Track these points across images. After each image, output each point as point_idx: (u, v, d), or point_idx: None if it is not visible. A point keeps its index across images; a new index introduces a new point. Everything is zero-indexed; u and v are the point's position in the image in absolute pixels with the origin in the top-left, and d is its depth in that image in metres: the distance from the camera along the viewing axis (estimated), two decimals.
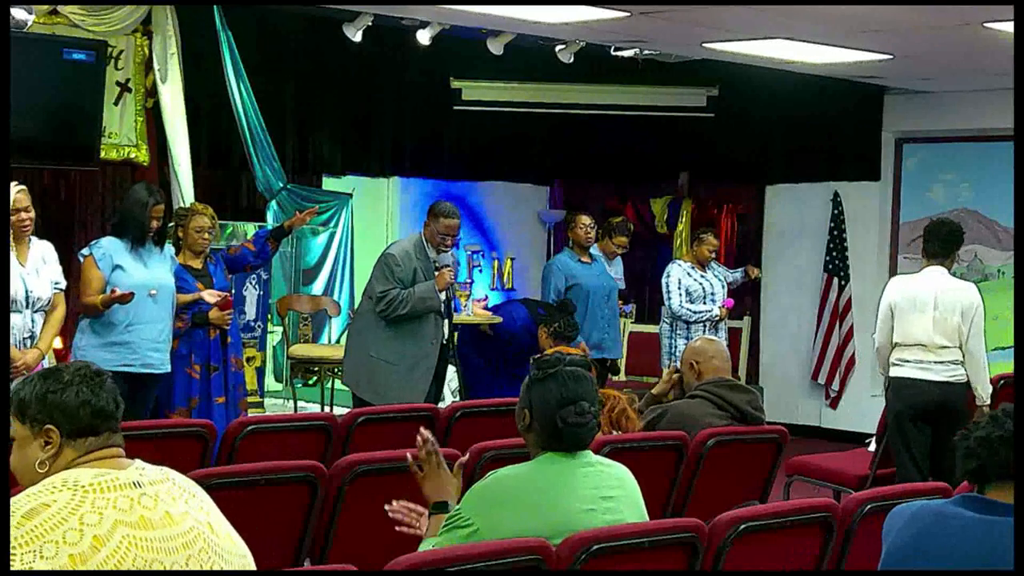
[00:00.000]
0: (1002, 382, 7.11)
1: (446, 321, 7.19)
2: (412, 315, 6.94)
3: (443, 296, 7.06)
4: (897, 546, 2.83)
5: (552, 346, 8.01)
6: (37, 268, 5.80)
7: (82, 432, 2.47)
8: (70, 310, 6.44)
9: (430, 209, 7.13)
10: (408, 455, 3.59)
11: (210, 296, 6.65)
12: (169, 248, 6.60)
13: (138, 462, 2.49)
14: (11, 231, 5.69)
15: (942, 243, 6.64)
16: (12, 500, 2.34)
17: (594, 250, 8.82)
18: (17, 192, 5.69)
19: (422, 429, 3.61)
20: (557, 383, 3.36)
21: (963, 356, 6.53)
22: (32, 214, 5.77)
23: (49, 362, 6.06)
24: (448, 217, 7.00)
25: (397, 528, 3.54)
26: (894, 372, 6.66)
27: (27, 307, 5.72)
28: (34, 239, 5.87)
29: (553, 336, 8.07)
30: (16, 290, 5.67)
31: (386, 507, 3.58)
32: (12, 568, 2.22)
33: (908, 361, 6.60)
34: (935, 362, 6.55)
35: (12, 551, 2.24)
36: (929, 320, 6.56)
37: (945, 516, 2.76)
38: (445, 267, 7.03)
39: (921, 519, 2.80)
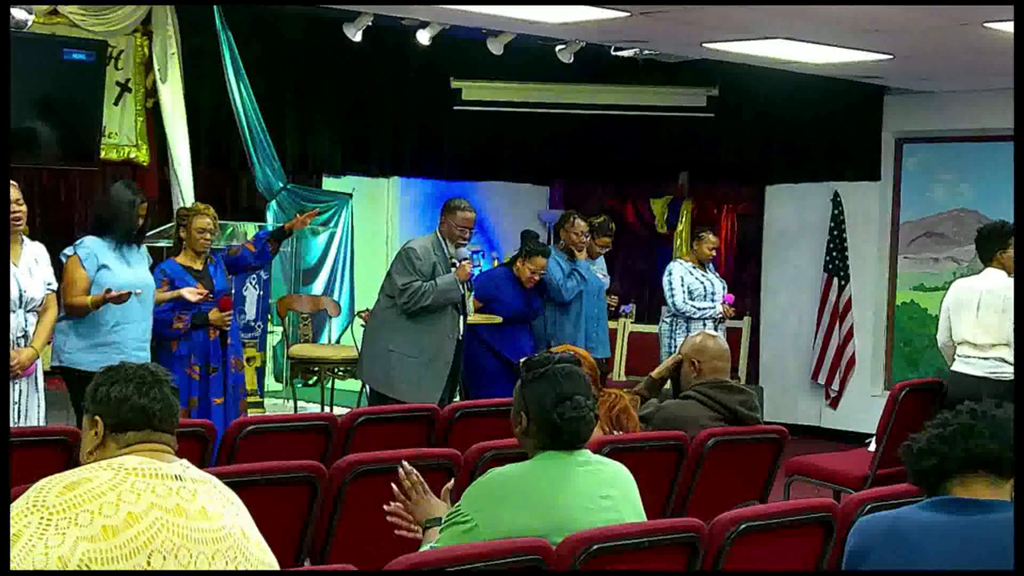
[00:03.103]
0: None
1: (461, 317, 7.25)
2: (433, 307, 7.04)
3: (461, 290, 7.16)
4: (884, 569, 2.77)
5: (532, 270, 8.08)
6: (30, 268, 5.75)
7: (122, 427, 2.57)
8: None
9: (445, 205, 7.27)
10: (393, 486, 3.58)
11: (190, 294, 6.60)
12: (145, 248, 6.56)
13: (184, 461, 2.57)
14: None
15: (980, 247, 7.07)
16: (58, 474, 2.44)
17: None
18: (16, 192, 5.67)
19: (403, 463, 3.62)
20: (549, 382, 3.38)
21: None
22: (24, 208, 5.74)
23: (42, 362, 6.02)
24: (465, 211, 7.18)
25: (396, 532, 3.54)
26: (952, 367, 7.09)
27: (20, 307, 5.69)
28: (26, 240, 5.84)
29: (527, 256, 8.14)
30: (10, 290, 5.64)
31: (385, 507, 3.58)
32: (46, 533, 2.32)
33: (960, 356, 6.98)
34: (979, 358, 6.89)
35: (49, 517, 2.33)
36: (972, 319, 6.89)
37: (925, 527, 2.73)
38: (464, 260, 7.15)
39: (901, 535, 2.76)
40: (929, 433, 2.78)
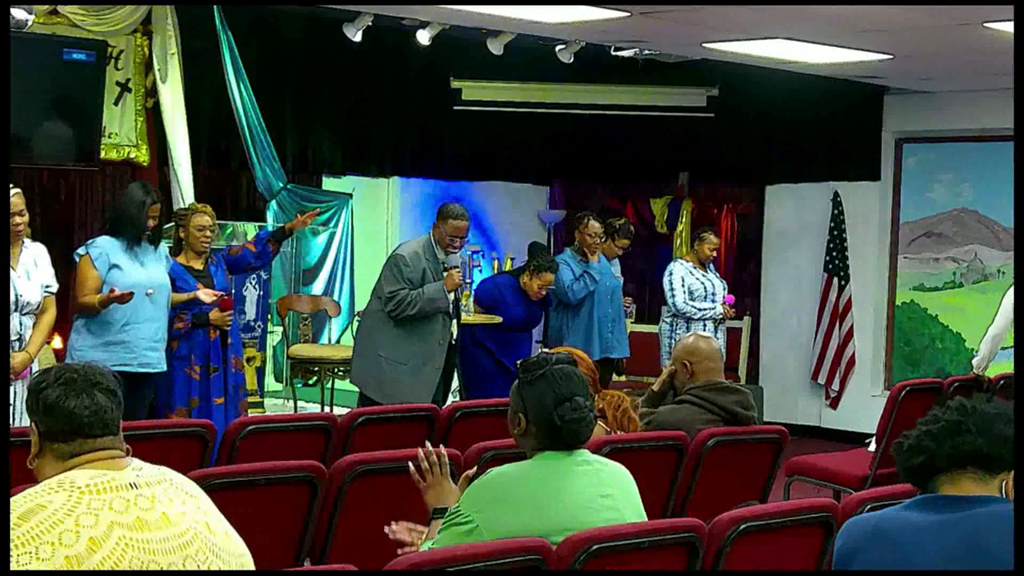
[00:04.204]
0: (1001, 382, 7.14)
1: (454, 322, 7.22)
2: (420, 315, 6.99)
3: (451, 297, 7.10)
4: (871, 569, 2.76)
5: (540, 283, 8.11)
6: (28, 271, 5.76)
7: (52, 436, 2.48)
8: (63, 312, 6.41)
9: (439, 211, 7.16)
10: (411, 464, 3.59)
11: (205, 295, 6.63)
12: (164, 247, 6.59)
13: (135, 462, 2.49)
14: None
15: None
16: (10, 499, 2.35)
17: None
18: (13, 195, 5.67)
19: (428, 444, 3.63)
20: (548, 383, 3.37)
21: None
22: (26, 218, 5.76)
23: (39, 363, 6.02)
24: (456, 219, 7.05)
25: (400, 551, 3.53)
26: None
27: (16, 310, 5.69)
28: (27, 241, 5.84)
29: (535, 271, 8.16)
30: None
31: (386, 529, 3.58)
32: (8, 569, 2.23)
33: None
34: None
35: (9, 553, 2.24)
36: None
37: (908, 526, 2.71)
38: (454, 268, 7.07)
39: (885, 535, 2.74)
40: (919, 430, 2.78)
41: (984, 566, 2.61)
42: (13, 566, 2.23)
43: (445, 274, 7.04)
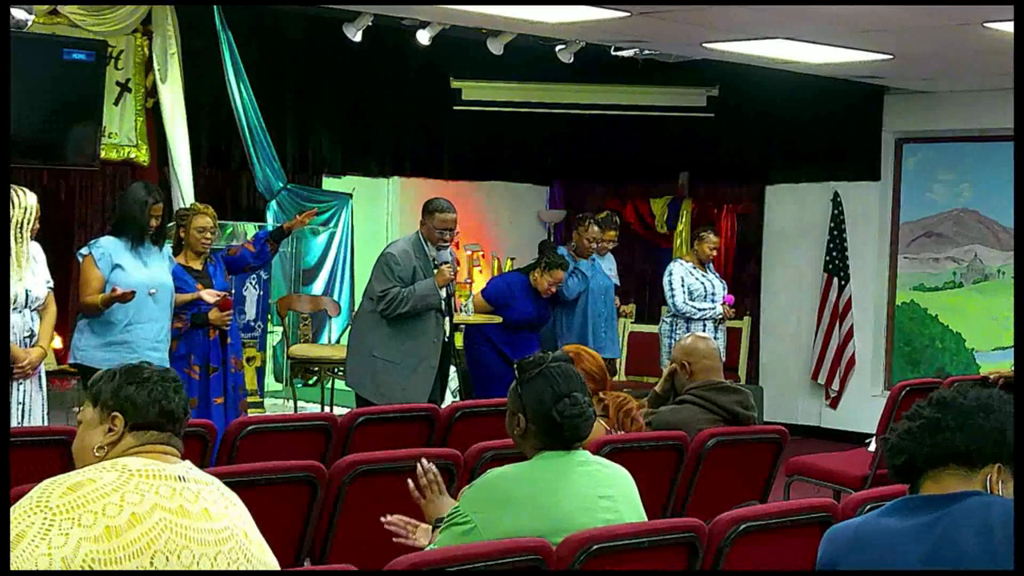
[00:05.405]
0: (1001, 381, 7.13)
1: (447, 319, 7.18)
2: (413, 313, 6.94)
3: (443, 293, 7.06)
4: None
5: (551, 280, 8.14)
6: (32, 268, 5.81)
7: (147, 426, 2.59)
8: (62, 312, 6.42)
9: (425, 207, 7.08)
10: (410, 482, 3.60)
11: (209, 296, 6.64)
12: (167, 247, 6.60)
13: (188, 463, 2.58)
14: (27, 234, 5.70)
15: None
16: (61, 475, 2.45)
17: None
18: (34, 200, 5.72)
19: (423, 460, 3.63)
20: (546, 380, 3.36)
21: None
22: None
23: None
24: (444, 212, 6.97)
25: (394, 540, 3.54)
26: None
27: (26, 306, 5.73)
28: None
29: (547, 269, 8.18)
30: (18, 291, 5.67)
31: (382, 519, 3.59)
32: (49, 534, 2.33)
33: None
34: None
35: (52, 518, 2.34)
36: None
37: (893, 534, 2.66)
38: (444, 264, 7.02)
39: (866, 542, 2.71)
40: (900, 428, 2.75)
41: (959, 566, 2.57)
42: (55, 532, 2.33)
43: (436, 270, 7.00)
